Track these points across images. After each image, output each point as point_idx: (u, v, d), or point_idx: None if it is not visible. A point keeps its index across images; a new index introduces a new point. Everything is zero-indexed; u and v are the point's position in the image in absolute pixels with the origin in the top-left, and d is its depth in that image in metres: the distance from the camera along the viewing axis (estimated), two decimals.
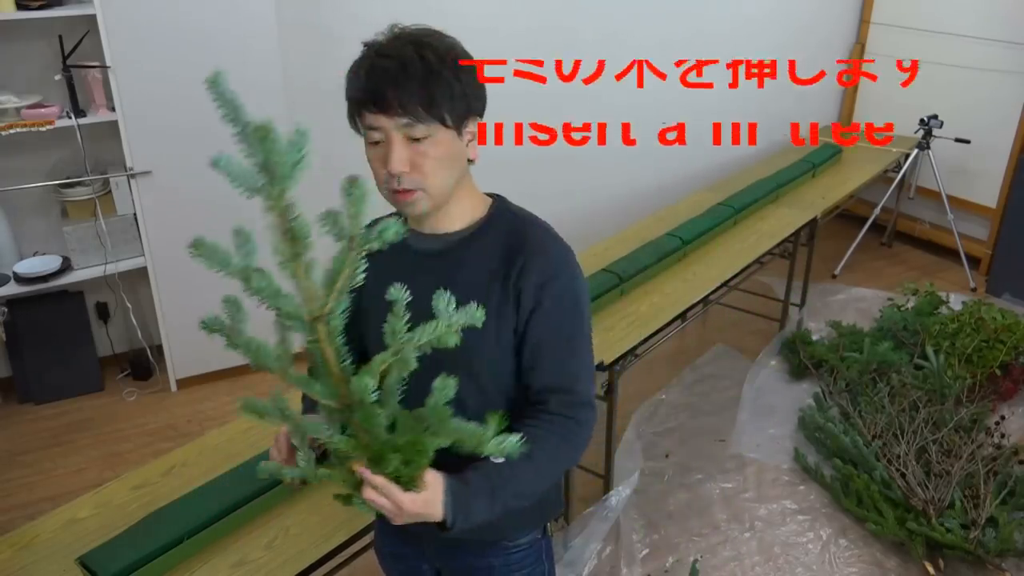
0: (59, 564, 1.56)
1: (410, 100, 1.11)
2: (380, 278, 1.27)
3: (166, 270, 3.17)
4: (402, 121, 1.13)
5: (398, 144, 1.15)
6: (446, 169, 1.17)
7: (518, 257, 1.21)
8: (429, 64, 1.11)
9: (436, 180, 1.17)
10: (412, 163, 1.15)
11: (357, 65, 1.17)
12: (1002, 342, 3.22)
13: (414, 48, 1.12)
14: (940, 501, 2.53)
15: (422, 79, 1.11)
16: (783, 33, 4.58)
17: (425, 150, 1.15)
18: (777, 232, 3.28)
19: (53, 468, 2.91)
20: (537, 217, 1.29)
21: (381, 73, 1.12)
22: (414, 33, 1.16)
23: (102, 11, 2.74)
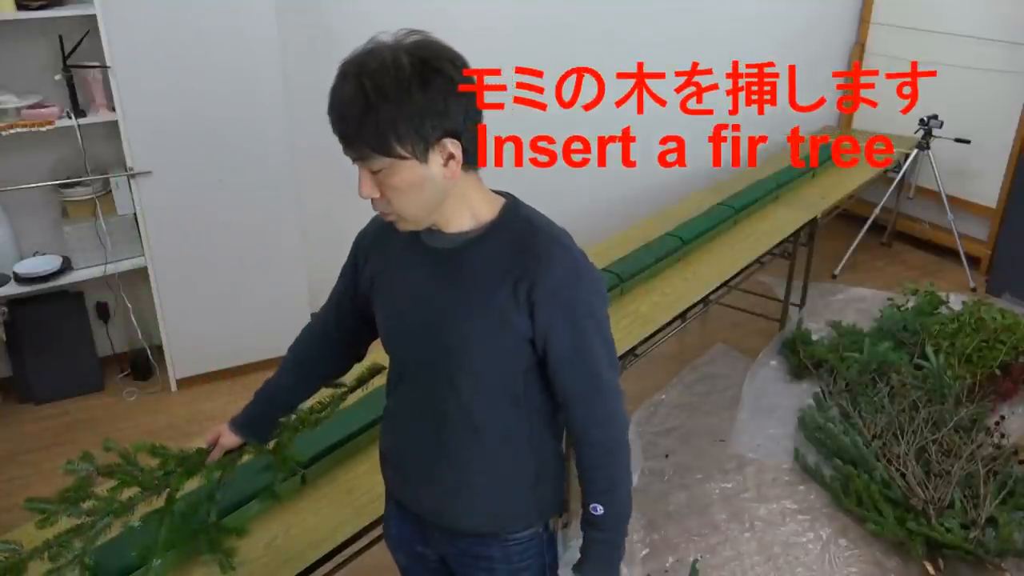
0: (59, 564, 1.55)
1: (355, 138, 1.11)
2: (390, 266, 1.32)
3: (166, 270, 3.17)
4: (352, 155, 1.13)
5: (363, 175, 1.16)
6: (412, 197, 1.15)
7: (529, 268, 1.19)
8: (368, 99, 1.07)
9: (404, 208, 1.17)
10: (379, 190, 1.16)
11: (329, 98, 1.15)
12: (1002, 342, 3.22)
13: (355, 80, 1.08)
14: (940, 501, 2.53)
15: (360, 116, 1.08)
16: (783, 33, 4.58)
17: (384, 181, 1.14)
18: (777, 232, 3.28)
19: (53, 468, 2.91)
20: (549, 222, 1.27)
21: (332, 109, 1.12)
22: (369, 54, 1.11)
23: (102, 11, 2.74)
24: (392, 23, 4.09)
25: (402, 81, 1.08)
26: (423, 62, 1.09)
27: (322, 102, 1.17)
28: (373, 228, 1.39)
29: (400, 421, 1.39)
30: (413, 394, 1.34)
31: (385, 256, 1.33)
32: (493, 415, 1.28)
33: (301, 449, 1.82)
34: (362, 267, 1.38)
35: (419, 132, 1.10)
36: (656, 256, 2.89)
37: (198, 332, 3.32)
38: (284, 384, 1.54)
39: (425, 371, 1.30)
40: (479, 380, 1.26)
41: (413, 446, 1.36)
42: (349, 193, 1.07)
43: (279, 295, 3.43)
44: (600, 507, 1.30)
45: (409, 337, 1.29)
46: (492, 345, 1.23)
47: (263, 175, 3.22)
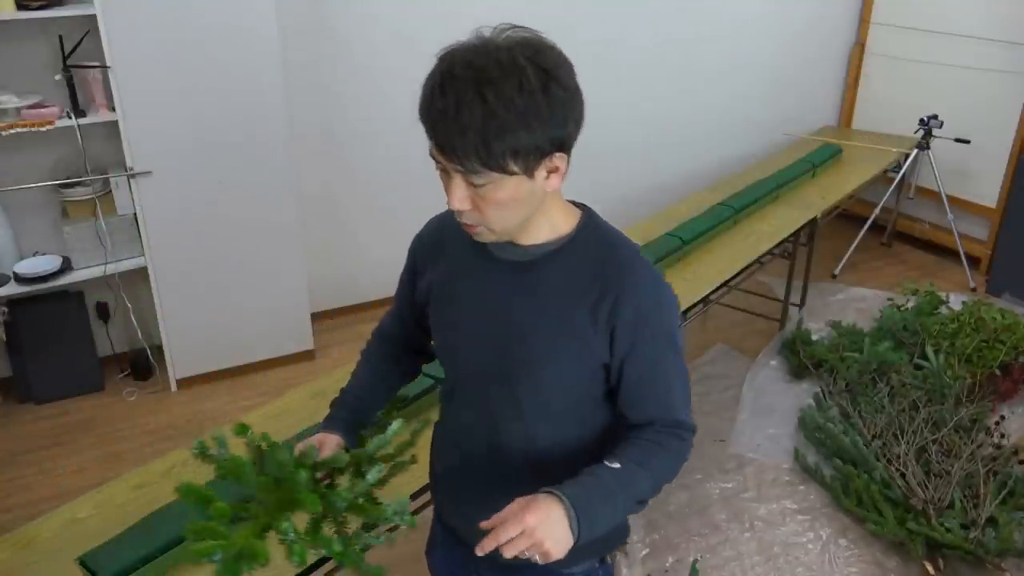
0: (59, 564, 1.56)
1: (464, 152, 1.00)
2: (454, 275, 1.25)
3: (166, 270, 3.17)
4: (456, 168, 1.03)
5: (457, 184, 1.06)
6: (510, 211, 1.08)
7: (610, 289, 1.13)
8: (491, 110, 0.97)
9: (498, 221, 1.09)
10: (472, 203, 1.07)
11: (425, 89, 1.04)
12: (1002, 342, 3.22)
13: (475, 87, 0.98)
14: (940, 501, 2.53)
15: (479, 129, 0.98)
16: (783, 33, 4.59)
17: (484, 195, 1.05)
18: (777, 232, 3.28)
19: (53, 468, 2.91)
20: (625, 238, 1.21)
21: (438, 114, 1.00)
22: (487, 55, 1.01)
23: (102, 11, 2.74)
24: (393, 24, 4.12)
25: (528, 95, 0.99)
26: (545, 71, 1.01)
27: (323, 102, 1.16)
28: (429, 234, 1.31)
29: (454, 441, 1.32)
30: (469, 413, 1.28)
31: (446, 264, 1.26)
32: (557, 442, 1.22)
33: None
34: (420, 275, 1.31)
35: (538, 149, 1.03)
36: (656, 256, 2.89)
37: (198, 332, 3.32)
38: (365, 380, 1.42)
39: (485, 388, 1.23)
40: (547, 403, 1.19)
41: (468, 470, 1.29)
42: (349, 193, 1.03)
43: (279, 295, 3.43)
44: (618, 463, 1.14)
45: (471, 351, 1.22)
46: (566, 367, 1.16)
47: (263, 175, 3.22)
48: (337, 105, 3.54)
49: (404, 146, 3.74)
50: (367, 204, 3.79)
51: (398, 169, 3.76)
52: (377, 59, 3.49)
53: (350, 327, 3.85)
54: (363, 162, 3.70)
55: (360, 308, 3.96)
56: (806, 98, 4.86)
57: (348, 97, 3.54)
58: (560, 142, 1.05)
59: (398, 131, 3.72)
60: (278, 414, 2.03)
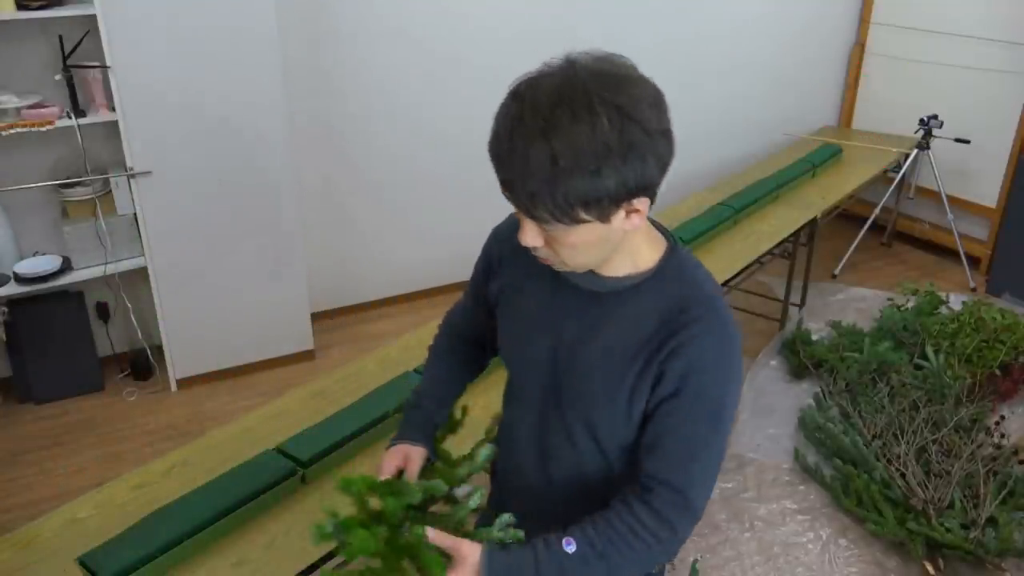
0: (59, 564, 1.56)
1: (533, 202, 0.95)
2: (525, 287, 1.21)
3: (166, 270, 3.17)
4: (524, 213, 0.99)
5: (528, 225, 1.01)
6: (587, 253, 1.04)
7: (674, 335, 1.07)
8: (554, 158, 0.91)
9: (574, 261, 1.05)
10: (546, 241, 1.03)
11: (496, 124, 0.97)
12: (1002, 342, 3.22)
13: (541, 140, 0.91)
14: (940, 501, 2.53)
15: (545, 179, 0.92)
16: (783, 34, 4.59)
17: (557, 237, 1.00)
18: (777, 232, 3.28)
19: (53, 468, 2.91)
20: (710, 279, 1.15)
21: (505, 156, 0.95)
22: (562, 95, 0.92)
23: (102, 11, 2.74)
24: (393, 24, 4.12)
25: (600, 140, 0.91)
26: (622, 113, 0.92)
27: (323, 103, 1.14)
28: (508, 229, 1.23)
29: (512, 442, 1.30)
30: (524, 425, 1.26)
31: (520, 271, 1.22)
32: (605, 472, 1.19)
33: (301, 449, 1.83)
34: (493, 275, 1.27)
35: (612, 196, 0.96)
36: None
37: (198, 332, 3.32)
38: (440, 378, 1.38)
39: (541, 409, 1.22)
40: (598, 440, 1.17)
41: (522, 473, 1.28)
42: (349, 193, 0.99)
43: (279, 295, 3.43)
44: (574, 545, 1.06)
45: (533, 368, 1.20)
46: (620, 411, 1.12)
47: (263, 175, 3.22)
48: (337, 105, 3.54)
49: (405, 146, 3.75)
50: (367, 204, 3.79)
51: (399, 169, 3.76)
52: (378, 59, 3.49)
53: (350, 327, 3.85)
54: (363, 162, 3.70)
55: (360, 308, 3.96)
56: (806, 98, 4.86)
57: (348, 97, 3.54)
58: (639, 187, 0.97)
59: (399, 131, 3.73)
60: (278, 414, 2.03)
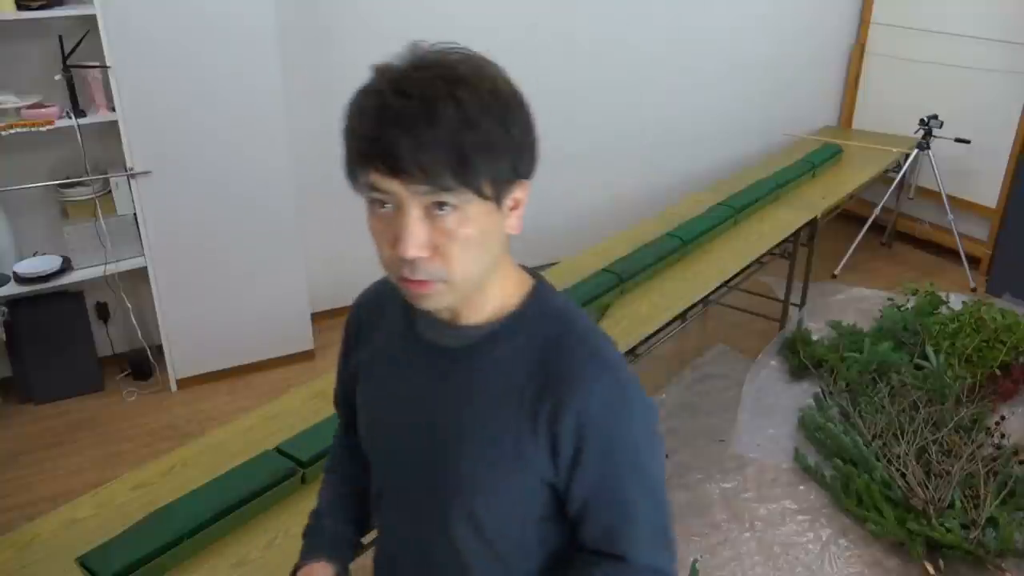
0: (59, 564, 1.56)
1: (436, 161, 0.80)
2: (377, 358, 1.04)
3: (166, 270, 3.17)
4: (422, 189, 0.82)
5: (414, 220, 0.84)
6: (478, 252, 0.87)
7: (552, 387, 0.91)
8: (466, 109, 0.80)
9: (464, 267, 0.87)
10: (433, 245, 0.85)
11: (362, 100, 0.86)
12: (1002, 342, 3.22)
13: (445, 85, 0.81)
14: (940, 501, 2.53)
15: (455, 131, 0.80)
16: (783, 33, 4.59)
17: (452, 228, 0.84)
18: (777, 232, 3.28)
19: (53, 468, 2.91)
20: (584, 318, 0.98)
21: (396, 119, 0.81)
22: (444, 59, 0.84)
23: (102, 11, 2.74)
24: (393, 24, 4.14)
25: (504, 100, 0.84)
26: (509, 82, 0.86)
27: (322, 103, 1.12)
28: (367, 302, 1.10)
29: (386, 550, 1.13)
30: (397, 521, 1.07)
31: (375, 341, 1.05)
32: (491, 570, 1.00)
33: (301, 449, 1.83)
34: (351, 354, 1.10)
35: (513, 165, 0.86)
36: (656, 256, 2.89)
37: (198, 332, 3.32)
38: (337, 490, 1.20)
39: (412, 502, 1.02)
40: (482, 528, 0.96)
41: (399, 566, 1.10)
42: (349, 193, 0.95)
43: (279, 295, 3.43)
44: None
45: (393, 454, 1.02)
46: (503, 488, 0.94)
47: (263, 175, 3.22)
48: (336, 104, 3.49)
49: None
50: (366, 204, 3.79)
51: None
52: (377, 58, 3.48)
53: None
54: None
55: None
56: (806, 98, 4.86)
57: (348, 96, 3.53)
58: (527, 165, 0.88)
59: None
60: (278, 414, 2.03)
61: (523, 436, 0.92)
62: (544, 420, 0.91)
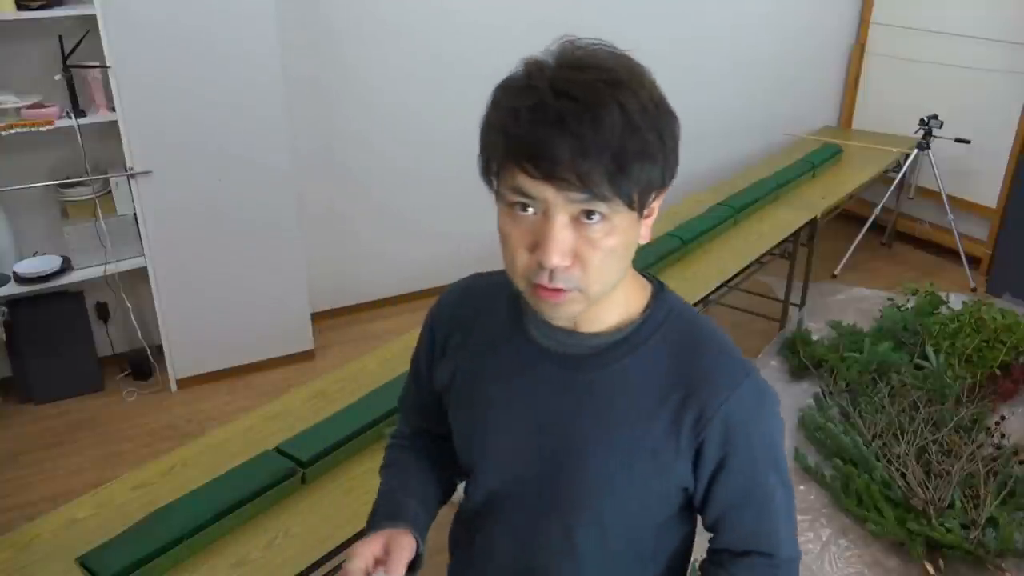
0: (59, 564, 1.56)
1: (595, 169, 0.77)
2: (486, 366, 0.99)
3: (166, 270, 3.17)
4: (576, 196, 0.79)
5: (561, 227, 0.80)
6: (617, 263, 0.86)
7: (697, 392, 0.90)
8: (629, 115, 0.77)
9: (602, 278, 0.85)
10: (575, 254, 0.82)
11: (515, 98, 0.80)
12: (1002, 342, 3.22)
13: (608, 88, 0.77)
14: (940, 501, 2.53)
15: (619, 138, 0.77)
16: (783, 33, 4.59)
17: (597, 238, 0.82)
18: (777, 232, 3.28)
19: (53, 468, 2.91)
20: (711, 323, 0.98)
21: (558, 121, 0.76)
22: (606, 61, 0.80)
23: (102, 11, 2.74)
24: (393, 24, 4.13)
25: (661, 105, 0.82)
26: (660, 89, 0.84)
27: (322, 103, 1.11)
28: (452, 305, 1.05)
29: (484, 563, 1.07)
30: (505, 544, 1.03)
31: (475, 348, 1.01)
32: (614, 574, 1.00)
33: (301, 449, 1.83)
34: (439, 358, 1.04)
35: (662, 174, 0.83)
36: (656, 256, 2.88)
37: (198, 332, 3.32)
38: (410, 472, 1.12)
39: (525, 517, 0.99)
40: (603, 536, 0.96)
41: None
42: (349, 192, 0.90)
43: (279, 295, 3.43)
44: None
45: (506, 470, 0.99)
46: (635, 494, 0.94)
47: (263, 175, 3.22)
48: (337, 104, 3.54)
49: (404, 146, 3.75)
50: (367, 203, 3.79)
51: (399, 169, 3.76)
52: (378, 59, 3.49)
53: (350, 327, 3.85)
54: (363, 161, 3.69)
55: (360, 308, 3.96)
56: (806, 98, 4.86)
57: (348, 96, 3.54)
58: (672, 174, 0.86)
59: (398, 131, 3.73)
60: (278, 414, 2.03)
61: (663, 443, 0.91)
62: (688, 427, 0.90)
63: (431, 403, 1.08)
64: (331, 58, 3.46)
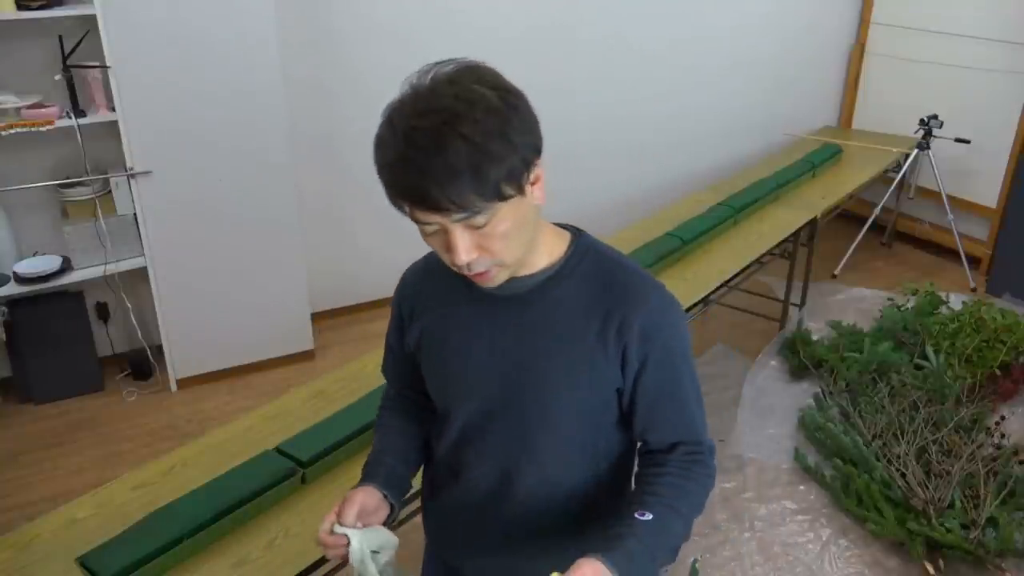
0: (59, 564, 1.56)
1: (461, 192, 0.94)
2: (445, 319, 1.19)
3: (166, 270, 3.17)
4: (458, 216, 0.97)
5: (458, 237, 1.00)
6: (518, 235, 1.03)
7: (617, 308, 1.10)
8: (473, 143, 0.93)
9: (511, 251, 1.04)
10: (480, 247, 1.01)
11: (385, 151, 0.98)
12: (1002, 342, 3.22)
13: (448, 127, 0.93)
14: (940, 501, 2.53)
15: (471, 164, 0.93)
16: (783, 33, 4.59)
17: (491, 231, 1.00)
18: (777, 232, 3.28)
19: (53, 468, 2.91)
20: (623, 255, 1.19)
21: (419, 172, 0.94)
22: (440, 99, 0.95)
23: (102, 11, 2.74)
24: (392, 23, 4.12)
25: (496, 115, 0.95)
26: (496, 89, 0.97)
27: (322, 102, 1.14)
28: (414, 280, 1.26)
29: (461, 486, 1.26)
30: (476, 456, 1.22)
31: (438, 309, 1.21)
32: (572, 476, 1.20)
33: (301, 449, 1.83)
34: (408, 325, 1.24)
35: (522, 159, 0.98)
36: (656, 256, 2.89)
37: (198, 332, 3.32)
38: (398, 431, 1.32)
39: (494, 430, 1.19)
40: (560, 438, 1.17)
41: (481, 514, 1.24)
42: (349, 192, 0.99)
43: (279, 295, 3.43)
44: (650, 514, 1.10)
45: (476, 394, 1.18)
46: (580, 396, 1.14)
47: (263, 175, 3.22)
48: (336, 104, 3.54)
49: None
50: (367, 203, 3.76)
51: None
52: (376, 57, 3.49)
53: (350, 327, 3.85)
54: (363, 161, 3.67)
55: (360, 308, 3.96)
56: (806, 98, 4.86)
57: (347, 96, 3.54)
58: (535, 146, 1.01)
59: None
60: (278, 414, 2.03)
61: (596, 351, 1.10)
62: (613, 336, 1.10)
63: (407, 366, 1.29)
64: (331, 58, 3.46)
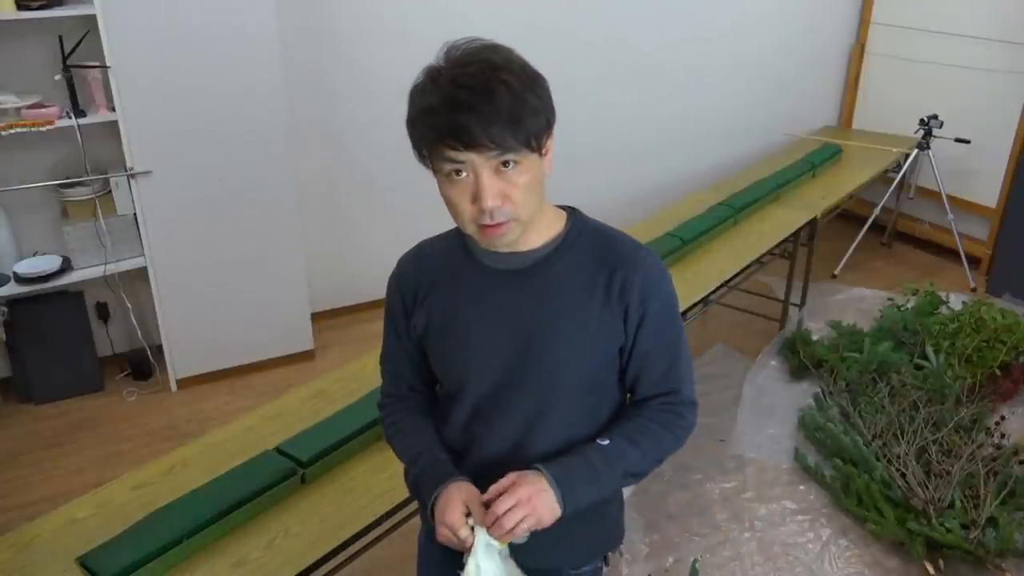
0: (59, 564, 1.56)
1: (501, 132, 1.06)
2: (454, 300, 1.25)
3: (166, 270, 3.17)
4: (492, 154, 1.08)
5: (488, 178, 1.09)
6: (534, 193, 1.15)
7: (617, 272, 1.21)
8: (514, 90, 1.06)
9: (527, 206, 1.14)
10: (504, 194, 1.11)
11: (428, 97, 1.09)
12: (1002, 342, 3.22)
13: (493, 73, 1.06)
14: (940, 501, 2.53)
15: (511, 108, 1.06)
16: (783, 33, 4.59)
17: (515, 179, 1.11)
18: (777, 232, 3.28)
19: (53, 468, 2.91)
20: (615, 228, 1.29)
21: (465, 107, 1.05)
22: (481, 54, 1.10)
23: (102, 11, 2.74)
24: (393, 23, 4.13)
25: (530, 79, 1.10)
26: (524, 63, 1.12)
27: (323, 102, 1.15)
28: (412, 270, 1.31)
29: (470, 460, 1.30)
30: (490, 428, 1.27)
31: (443, 292, 1.26)
32: (575, 434, 1.25)
33: (301, 449, 1.83)
34: (413, 310, 1.29)
35: (547, 120, 1.13)
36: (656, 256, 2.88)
37: (198, 332, 3.32)
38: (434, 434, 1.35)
39: (510, 399, 1.24)
40: (568, 400, 1.24)
41: (488, 483, 1.24)
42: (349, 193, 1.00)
43: (279, 295, 3.43)
44: (608, 440, 1.23)
45: (487, 368, 1.23)
46: (586, 359, 1.22)
47: (263, 175, 3.22)
48: (337, 104, 3.54)
49: (404, 145, 3.75)
50: (367, 204, 3.79)
51: (398, 168, 3.75)
52: (377, 58, 3.49)
53: (350, 327, 3.85)
54: (363, 161, 3.70)
55: (360, 308, 3.96)
56: (806, 98, 4.86)
57: (348, 97, 3.54)
58: (553, 116, 1.14)
59: (398, 130, 3.73)
60: (278, 414, 2.03)
61: (601, 312, 1.20)
62: (616, 296, 1.20)
63: (415, 354, 1.33)
64: (332, 58, 3.46)
